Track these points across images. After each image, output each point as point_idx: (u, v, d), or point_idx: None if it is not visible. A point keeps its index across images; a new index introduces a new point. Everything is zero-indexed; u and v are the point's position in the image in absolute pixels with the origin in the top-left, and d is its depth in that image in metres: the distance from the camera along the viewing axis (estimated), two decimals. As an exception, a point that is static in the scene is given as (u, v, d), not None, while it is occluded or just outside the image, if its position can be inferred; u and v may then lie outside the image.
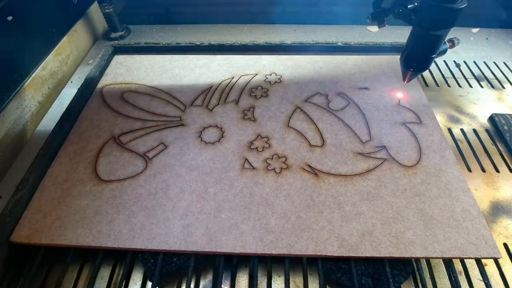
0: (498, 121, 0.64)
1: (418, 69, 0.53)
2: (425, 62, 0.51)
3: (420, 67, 0.52)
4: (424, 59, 0.51)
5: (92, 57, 0.84)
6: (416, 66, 0.52)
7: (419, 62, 0.52)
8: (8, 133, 0.59)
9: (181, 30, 0.95)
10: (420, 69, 0.53)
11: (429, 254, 0.42)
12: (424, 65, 0.52)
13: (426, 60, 0.51)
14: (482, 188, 0.55)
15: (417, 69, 0.53)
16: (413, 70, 0.53)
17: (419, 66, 0.52)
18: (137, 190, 0.49)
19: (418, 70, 0.53)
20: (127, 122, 0.60)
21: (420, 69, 0.53)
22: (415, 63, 0.52)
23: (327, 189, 0.49)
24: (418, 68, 0.53)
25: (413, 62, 0.52)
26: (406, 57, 0.53)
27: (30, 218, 0.46)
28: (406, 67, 0.54)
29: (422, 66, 0.52)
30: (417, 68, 0.53)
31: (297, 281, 0.45)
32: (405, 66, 0.53)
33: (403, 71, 0.55)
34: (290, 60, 0.72)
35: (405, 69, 0.54)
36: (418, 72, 0.54)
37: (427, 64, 0.52)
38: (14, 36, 0.62)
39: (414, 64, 0.52)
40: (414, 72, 0.53)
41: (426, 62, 0.51)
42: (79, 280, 0.46)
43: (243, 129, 0.58)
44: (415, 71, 0.53)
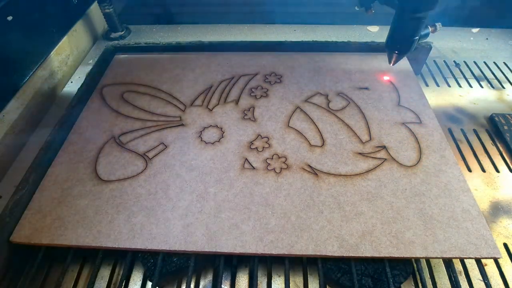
0: (498, 121, 0.64)
1: (402, 51, 0.56)
2: (408, 44, 0.54)
3: (404, 49, 0.55)
4: (406, 41, 0.54)
5: (92, 57, 0.84)
6: (399, 48, 0.55)
7: (402, 44, 0.55)
8: (8, 133, 0.59)
9: (181, 30, 0.95)
10: (404, 51, 0.56)
11: (429, 254, 0.42)
12: (408, 47, 0.55)
13: (409, 42, 0.54)
14: (482, 188, 0.55)
15: (401, 51, 0.56)
16: (398, 53, 0.56)
17: (402, 48, 0.55)
18: (137, 190, 0.49)
19: (403, 52, 0.56)
20: (127, 122, 0.60)
21: (404, 51, 0.56)
22: (398, 45, 0.55)
23: (327, 189, 0.49)
24: (402, 50, 0.56)
25: (396, 44, 0.55)
26: (390, 40, 0.56)
27: (30, 218, 0.46)
28: (390, 50, 0.57)
29: (406, 48, 0.55)
30: (401, 50, 0.56)
31: (297, 281, 0.45)
32: (390, 48, 0.57)
33: (389, 54, 0.58)
34: (290, 60, 0.72)
35: (390, 52, 0.57)
36: (402, 55, 0.57)
37: (411, 46, 0.54)
38: (14, 36, 0.62)
39: (398, 46, 0.55)
40: (399, 54, 0.57)
41: (409, 44, 0.54)
42: (79, 280, 0.46)
43: (243, 129, 0.58)
44: (399, 53, 0.56)
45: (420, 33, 0.53)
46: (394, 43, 0.55)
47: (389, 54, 0.58)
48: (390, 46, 0.56)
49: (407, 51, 0.56)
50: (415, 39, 0.53)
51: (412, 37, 0.53)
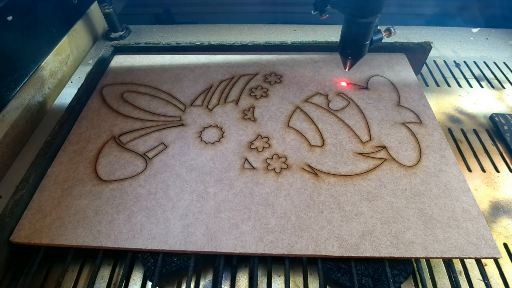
0: (498, 121, 0.64)
1: (355, 57, 0.56)
2: (360, 50, 0.54)
3: (356, 54, 0.56)
4: (358, 46, 0.54)
5: (92, 57, 0.84)
6: (352, 54, 0.56)
7: (354, 49, 0.55)
8: (8, 133, 0.59)
9: (181, 30, 0.95)
10: (357, 57, 0.56)
11: (429, 254, 0.42)
12: (360, 53, 0.55)
13: (361, 48, 0.54)
14: (482, 188, 0.55)
15: (354, 57, 0.56)
16: (351, 58, 0.56)
17: (355, 54, 0.56)
18: (137, 190, 0.49)
19: (356, 58, 0.56)
20: (127, 122, 0.60)
21: (356, 56, 0.56)
22: (350, 51, 0.55)
23: (327, 189, 0.49)
24: (355, 56, 0.56)
25: (347, 50, 0.56)
26: (342, 46, 0.56)
27: (30, 218, 0.46)
28: (344, 56, 0.57)
29: (358, 54, 0.55)
30: (353, 55, 0.56)
31: (297, 281, 0.45)
32: (343, 54, 0.57)
33: (343, 60, 0.58)
34: (290, 60, 0.72)
35: (344, 58, 0.58)
36: (356, 60, 0.57)
37: (362, 51, 0.55)
38: (14, 36, 0.62)
39: (349, 51, 0.56)
40: (352, 60, 0.57)
41: (361, 50, 0.54)
42: (79, 280, 0.46)
43: (243, 129, 0.58)
44: (353, 58, 0.57)
45: (369, 38, 0.53)
46: (346, 48, 0.56)
47: (343, 60, 0.58)
48: (342, 52, 0.57)
49: (359, 56, 0.56)
50: (366, 43, 0.53)
51: (362, 42, 0.53)
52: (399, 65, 0.70)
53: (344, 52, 0.56)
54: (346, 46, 0.55)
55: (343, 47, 0.56)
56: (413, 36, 0.90)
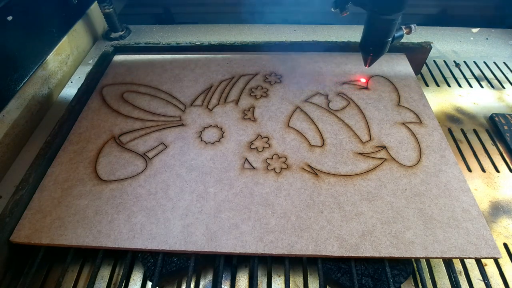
0: (498, 121, 0.64)
1: (376, 54, 0.56)
2: (381, 47, 0.55)
3: (378, 51, 0.56)
4: (379, 43, 0.54)
5: (92, 57, 0.84)
6: (373, 51, 0.56)
7: (376, 46, 0.55)
8: (8, 133, 0.59)
9: (181, 30, 0.95)
10: (378, 53, 0.56)
11: (429, 254, 0.42)
12: (381, 50, 0.55)
13: (382, 44, 0.54)
14: (482, 188, 0.55)
15: (375, 54, 0.56)
16: (372, 55, 0.56)
17: (376, 51, 0.56)
18: (137, 190, 0.49)
19: (377, 55, 0.57)
20: (127, 122, 0.60)
21: (378, 53, 0.56)
22: (372, 48, 0.55)
23: (327, 189, 0.49)
24: (376, 53, 0.56)
25: (369, 47, 0.56)
26: (364, 43, 0.56)
27: (30, 218, 0.46)
28: (365, 53, 0.57)
29: (380, 51, 0.55)
30: (375, 52, 0.56)
31: (297, 281, 0.45)
32: (364, 51, 0.57)
33: (363, 56, 0.58)
34: (290, 60, 0.72)
35: (365, 55, 0.58)
36: (377, 57, 0.57)
37: (384, 48, 0.55)
38: (14, 36, 0.62)
39: (371, 48, 0.56)
40: (373, 56, 0.57)
41: (382, 46, 0.54)
42: (79, 280, 0.46)
43: (243, 129, 0.58)
44: (374, 55, 0.57)
45: (392, 35, 0.53)
46: (368, 45, 0.56)
47: (364, 56, 0.58)
48: (364, 48, 0.57)
49: (381, 53, 0.56)
50: (387, 40, 0.53)
51: (385, 39, 0.53)
52: (399, 65, 0.70)
53: (365, 49, 0.56)
54: (368, 43, 0.55)
55: (365, 44, 0.56)
56: (413, 36, 0.90)
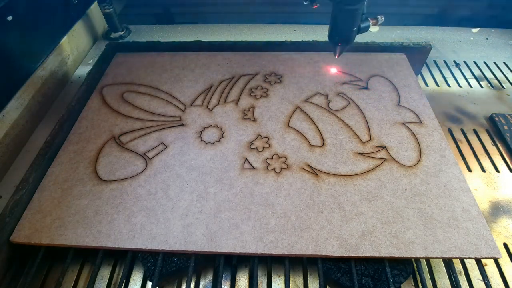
0: (498, 121, 0.64)
1: (344, 43, 0.58)
2: (347, 36, 0.56)
3: (345, 41, 0.57)
4: (345, 33, 0.56)
5: (92, 57, 0.84)
6: (340, 40, 0.57)
7: (342, 36, 0.57)
8: (8, 133, 0.59)
9: (181, 30, 0.95)
10: (346, 43, 0.58)
11: (429, 254, 0.42)
12: (348, 39, 0.57)
13: (348, 34, 0.56)
14: (482, 188, 0.55)
15: (343, 43, 0.58)
16: (340, 45, 0.58)
17: (343, 40, 0.57)
18: (137, 190, 0.49)
19: (344, 44, 0.58)
20: (127, 122, 0.60)
21: (345, 43, 0.58)
22: (338, 37, 0.57)
23: (327, 189, 0.49)
24: (344, 42, 0.58)
25: (336, 36, 0.57)
26: (331, 33, 0.58)
27: (30, 218, 0.46)
28: (333, 43, 0.59)
29: (346, 40, 0.57)
30: (342, 42, 0.58)
31: (297, 281, 0.45)
32: (332, 41, 0.58)
33: (333, 47, 0.60)
34: (290, 60, 0.72)
35: (333, 45, 0.59)
36: (345, 46, 0.59)
37: (350, 37, 0.57)
38: (14, 36, 0.62)
39: (338, 38, 0.57)
40: (341, 46, 0.59)
41: (349, 36, 0.56)
42: (79, 280, 0.46)
43: (243, 129, 0.58)
44: (342, 45, 0.58)
45: (357, 25, 0.55)
46: (334, 35, 0.57)
47: (333, 47, 0.60)
48: (331, 39, 0.58)
49: (348, 42, 0.58)
50: (353, 30, 0.55)
51: (350, 28, 0.55)
52: (399, 65, 0.70)
53: (333, 39, 0.58)
54: (334, 33, 0.57)
55: (332, 34, 0.58)
56: (413, 36, 0.90)
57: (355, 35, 0.57)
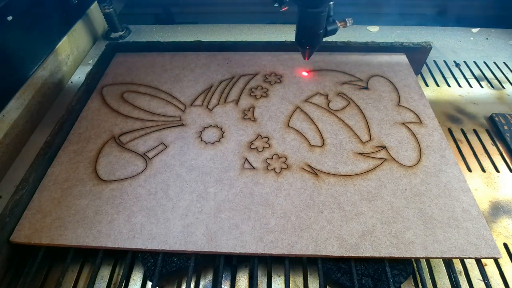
0: (498, 121, 0.64)
1: (312, 46, 0.58)
2: (314, 39, 0.57)
3: (312, 44, 0.58)
4: (312, 36, 0.56)
5: (92, 57, 0.84)
6: (308, 43, 0.58)
7: (309, 39, 0.57)
8: (8, 133, 0.59)
9: (181, 30, 0.95)
10: (314, 46, 0.58)
11: (429, 254, 0.42)
12: (315, 42, 0.57)
13: (315, 37, 0.56)
14: (482, 188, 0.55)
15: (311, 46, 0.58)
16: (309, 48, 0.58)
17: (311, 43, 0.58)
18: (137, 190, 0.49)
19: (313, 47, 0.59)
20: (127, 122, 0.60)
21: (313, 45, 0.58)
22: (304, 40, 0.57)
23: (327, 189, 0.49)
24: (311, 45, 0.58)
25: (302, 39, 0.57)
26: (299, 37, 0.58)
27: (30, 218, 0.46)
28: (301, 46, 0.59)
29: (314, 43, 0.57)
30: (310, 45, 0.58)
31: (297, 281, 0.45)
32: (300, 45, 0.59)
33: (301, 50, 0.60)
34: (290, 60, 0.72)
35: (302, 48, 0.59)
36: (313, 49, 0.59)
37: (317, 40, 0.57)
38: (14, 36, 0.62)
39: (303, 41, 0.57)
40: (310, 49, 0.59)
41: (316, 39, 0.57)
42: (79, 280, 0.46)
43: (243, 129, 0.58)
44: (310, 48, 0.59)
45: (322, 27, 0.55)
46: (302, 38, 0.57)
47: (302, 50, 0.60)
48: (299, 42, 0.58)
49: (316, 45, 0.58)
50: (319, 33, 0.55)
51: (316, 31, 0.55)
52: (399, 65, 0.70)
53: (300, 43, 0.58)
54: (302, 36, 0.57)
55: (299, 38, 0.57)
56: (413, 36, 0.90)
57: (322, 38, 0.57)
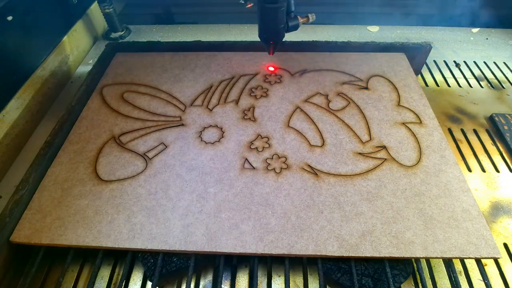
0: (498, 121, 0.64)
1: (275, 41, 0.59)
2: (277, 34, 0.57)
3: (275, 38, 0.58)
4: (274, 31, 0.56)
5: (92, 57, 0.84)
6: (271, 39, 0.58)
7: (271, 34, 0.57)
8: (8, 133, 0.59)
9: (181, 30, 0.95)
10: (277, 41, 0.59)
11: (429, 254, 0.42)
12: (278, 37, 0.58)
13: (277, 32, 0.57)
14: (482, 188, 0.55)
15: (274, 41, 0.59)
16: (273, 43, 0.59)
17: (274, 38, 0.58)
18: (137, 190, 0.49)
19: (276, 42, 0.59)
20: (127, 122, 0.60)
21: (276, 40, 0.59)
22: (265, 35, 0.58)
23: (327, 189, 0.49)
24: (274, 40, 0.59)
25: (263, 34, 0.58)
26: (260, 33, 0.58)
27: (30, 218, 0.46)
28: (265, 42, 0.59)
29: (277, 38, 0.58)
30: (273, 40, 0.58)
31: (297, 281, 0.45)
32: (263, 40, 0.59)
33: (265, 45, 0.60)
34: (290, 60, 0.72)
35: (266, 44, 0.60)
36: (277, 44, 0.60)
37: (279, 35, 0.57)
38: (14, 36, 0.62)
39: (264, 36, 0.58)
40: (274, 44, 0.59)
41: (278, 34, 0.57)
42: (79, 280, 0.46)
43: (243, 129, 0.58)
44: (274, 43, 0.59)
45: (283, 22, 0.55)
46: (263, 34, 0.58)
47: (266, 45, 0.60)
48: (261, 38, 0.59)
49: (279, 40, 0.58)
50: (280, 27, 0.55)
51: (276, 26, 0.55)
52: (399, 65, 0.70)
53: (263, 38, 0.59)
54: (264, 32, 0.58)
55: (262, 33, 0.58)
56: (413, 36, 0.90)
57: (284, 33, 0.57)
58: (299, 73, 0.69)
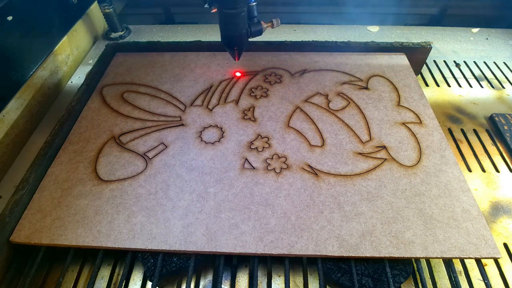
0: (498, 121, 0.64)
1: (239, 47, 0.58)
2: (239, 40, 0.57)
3: (239, 44, 0.58)
4: (236, 37, 0.56)
5: (92, 57, 0.84)
6: (235, 44, 0.58)
7: (234, 40, 0.57)
8: (8, 133, 0.59)
9: (181, 30, 0.95)
10: (241, 46, 0.58)
11: (429, 254, 0.42)
12: (241, 42, 0.57)
13: (239, 37, 0.56)
14: (482, 188, 0.55)
15: (238, 47, 0.58)
16: (237, 48, 0.59)
17: (237, 44, 0.58)
18: (137, 190, 0.49)
19: (240, 48, 0.59)
20: (127, 122, 0.60)
21: (240, 46, 0.58)
22: (227, 41, 0.57)
23: (327, 189, 0.49)
24: (238, 46, 0.58)
25: (225, 41, 0.57)
26: (223, 39, 0.58)
27: (30, 218, 0.46)
28: (229, 48, 0.59)
29: (240, 43, 0.58)
30: (237, 45, 0.58)
31: (297, 281, 0.45)
32: (227, 46, 0.59)
33: (230, 51, 0.60)
34: (290, 60, 0.72)
35: (230, 50, 0.59)
36: (241, 50, 0.59)
37: (243, 41, 0.57)
38: (14, 36, 0.62)
39: (226, 41, 0.57)
40: (238, 50, 0.59)
41: (241, 40, 0.57)
42: (79, 280, 0.46)
43: (243, 129, 0.58)
44: (238, 49, 0.59)
45: (244, 28, 0.55)
46: (226, 40, 0.57)
47: (230, 51, 0.60)
48: (225, 44, 0.58)
49: (242, 45, 0.58)
50: (243, 33, 0.55)
51: (239, 32, 0.55)
52: (399, 65, 0.70)
53: (227, 44, 0.58)
54: (227, 38, 0.57)
55: (224, 39, 0.57)
56: (413, 36, 0.90)
57: (247, 39, 0.57)
58: (299, 73, 0.69)
